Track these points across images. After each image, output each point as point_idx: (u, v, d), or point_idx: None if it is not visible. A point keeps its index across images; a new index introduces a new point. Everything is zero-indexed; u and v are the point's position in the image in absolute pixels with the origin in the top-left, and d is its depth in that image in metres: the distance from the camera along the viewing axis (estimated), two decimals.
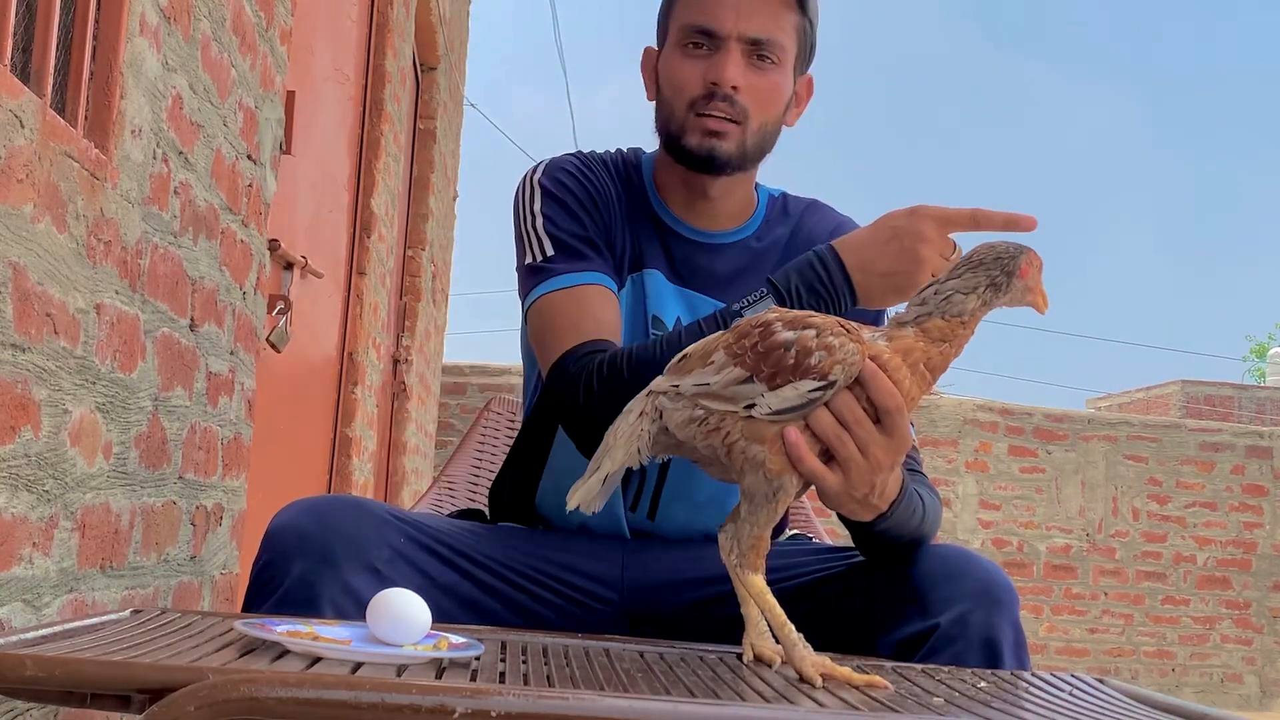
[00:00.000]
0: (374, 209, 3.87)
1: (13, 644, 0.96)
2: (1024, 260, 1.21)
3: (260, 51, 2.22)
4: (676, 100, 1.62)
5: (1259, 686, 8.19)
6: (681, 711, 0.87)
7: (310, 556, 1.37)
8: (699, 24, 1.60)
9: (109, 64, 1.56)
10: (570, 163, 1.67)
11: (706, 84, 1.59)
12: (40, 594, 1.44)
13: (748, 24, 1.59)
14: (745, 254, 1.67)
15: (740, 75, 1.58)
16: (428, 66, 5.53)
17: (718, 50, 1.59)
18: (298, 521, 1.41)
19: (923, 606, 1.41)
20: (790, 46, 1.63)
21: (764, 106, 1.61)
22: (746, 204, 1.70)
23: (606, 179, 1.67)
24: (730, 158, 1.60)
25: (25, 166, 1.32)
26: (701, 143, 1.59)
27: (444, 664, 1.08)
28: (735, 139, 1.59)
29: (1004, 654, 1.39)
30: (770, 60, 1.60)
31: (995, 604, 1.41)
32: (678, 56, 1.62)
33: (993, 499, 7.96)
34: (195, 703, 0.81)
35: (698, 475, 1.62)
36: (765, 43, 1.60)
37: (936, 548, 1.47)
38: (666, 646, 1.33)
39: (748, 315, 1.38)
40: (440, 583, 1.47)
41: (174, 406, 1.85)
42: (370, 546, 1.41)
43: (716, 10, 1.59)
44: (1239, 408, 15.34)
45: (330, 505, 1.46)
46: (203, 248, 1.95)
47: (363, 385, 3.89)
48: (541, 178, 1.66)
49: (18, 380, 1.33)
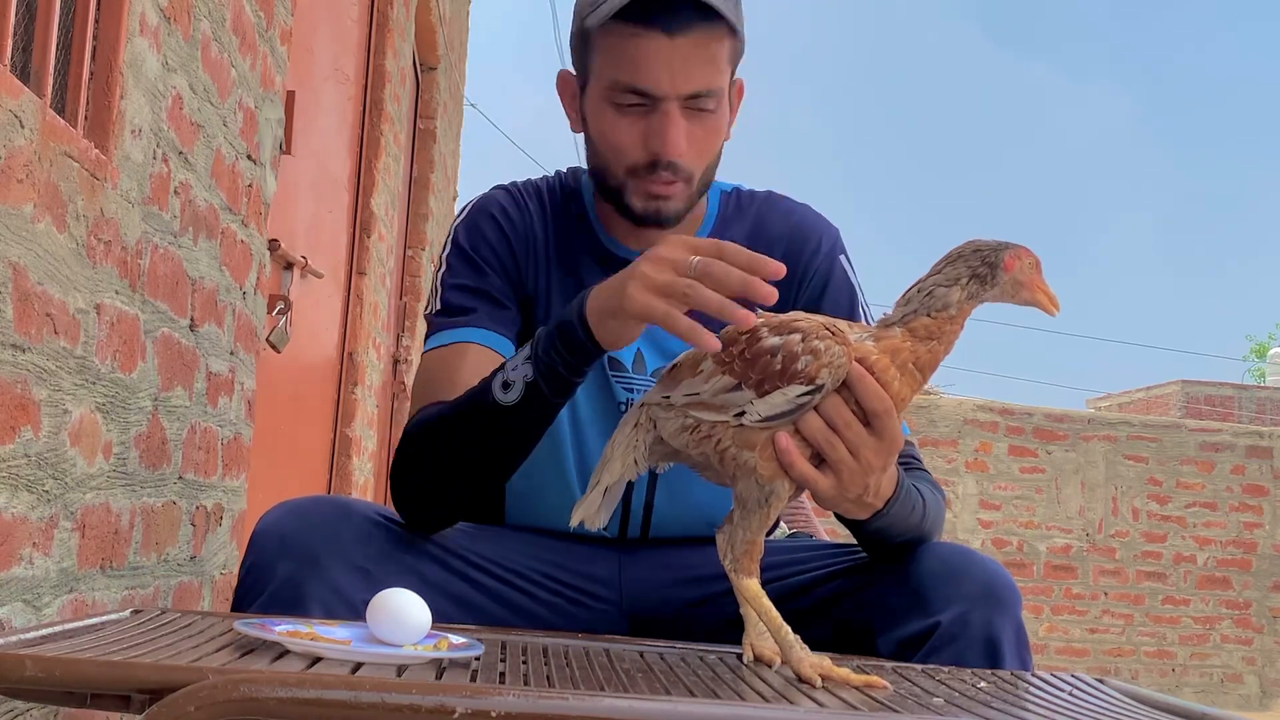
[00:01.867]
0: (374, 209, 3.87)
1: (13, 644, 0.96)
2: (1008, 254, 1.20)
3: (260, 51, 2.22)
4: (614, 161, 1.51)
5: (1259, 686, 8.19)
6: (681, 711, 0.87)
7: (294, 558, 1.37)
8: (631, 84, 1.46)
9: (109, 64, 1.56)
10: (496, 204, 1.60)
11: (649, 152, 1.48)
12: (40, 594, 1.44)
13: (686, 81, 1.45)
14: None
15: (684, 139, 1.47)
16: (428, 66, 5.53)
17: (655, 111, 1.47)
18: (281, 524, 1.40)
19: (924, 605, 1.41)
20: (724, 81, 1.51)
21: (707, 156, 1.52)
22: (693, 214, 1.60)
23: (537, 216, 1.61)
24: (679, 213, 1.53)
25: (25, 166, 1.32)
26: (647, 206, 1.51)
27: (444, 664, 1.08)
28: (683, 196, 1.52)
29: (1005, 653, 1.39)
30: (708, 108, 1.49)
31: (997, 603, 1.40)
32: (610, 114, 1.49)
33: (993, 499, 7.96)
34: (195, 703, 0.81)
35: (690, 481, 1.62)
36: (704, 94, 1.47)
37: (938, 546, 1.47)
38: (666, 646, 1.33)
39: (509, 375, 1.35)
40: (432, 581, 1.46)
41: (174, 406, 1.85)
42: (355, 546, 1.40)
43: (649, 70, 1.45)
44: (1239, 408, 15.34)
45: (313, 506, 1.44)
46: (203, 248, 1.95)
47: (363, 385, 3.89)
48: (461, 222, 1.60)
49: (18, 380, 1.33)
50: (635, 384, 1.57)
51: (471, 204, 1.64)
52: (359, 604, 1.36)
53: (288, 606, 1.35)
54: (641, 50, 1.45)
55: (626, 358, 1.57)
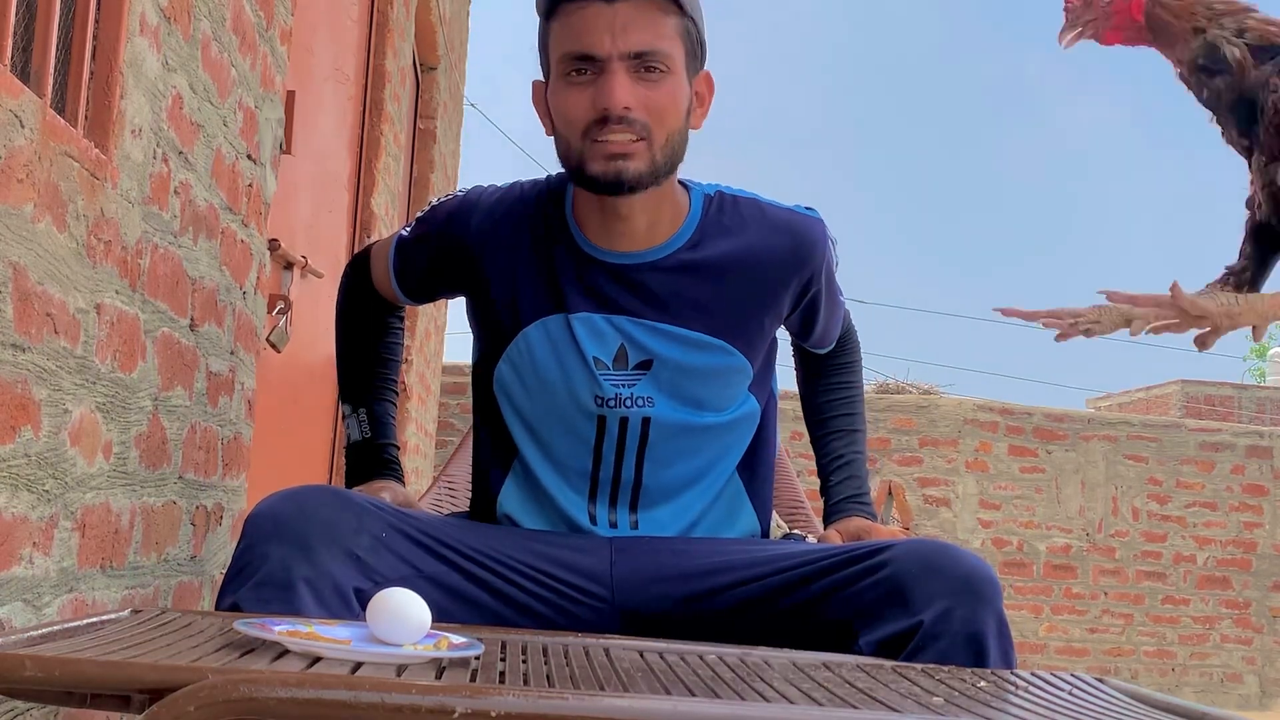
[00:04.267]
0: (374, 209, 3.87)
1: (13, 644, 0.96)
2: None
3: (260, 51, 2.22)
4: (570, 132, 1.56)
5: (1259, 686, 8.19)
6: (681, 711, 0.87)
7: (287, 542, 1.39)
8: (576, 50, 1.54)
9: (109, 64, 1.56)
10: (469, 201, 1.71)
11: (597, 110, 1.53)
12: (40, 594, 1.44)
13: (626, 40, 1.52)
14: (679, 268, 1.63)
15: (630, 94, 1.53)
16: (428, 66, 5.53)
17: (601, 74, 1.53)
18: (276, 508, 1.43)
19: (905, 604, 1.41)
20: (677, 51, 1.56)
21: (664, 118, 1.55)
22: (674, 215, 1.64)
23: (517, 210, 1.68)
24: (641, 175, 1.55)
25: (25, 166, 1.32)
26: (606, 168, 1.54)
27: (444, 664, 1.08)
28: (643, 157, 1.54)
29: (989, 648, 1.39)
30: (659, 69, 1.54)
31: (978, 598, 1.40)
32: (563, 88, 1.56)
33: (993, 499, 7.96)
34: (195, 703, 0.81)
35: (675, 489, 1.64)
36: (649, 54, 1.53)
37: (916, 543, 1.47)
38: (666, 646, 1.33)
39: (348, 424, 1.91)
40: (426, 573, 1.47)
41: (174, 406, 1.85)
42: (349, 533, 1.42)
43: (591, 34, 1.53)
44: (1239, 408, 15.32)
45: (309, 492, 1.47)
46: (203, 248, 1.95)
47: None
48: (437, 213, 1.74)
49: (18, 380, 1.33)
50: (618, 379, 1.62)
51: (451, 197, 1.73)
52: (349, 591, 1.38)
53: (278, 589, 1.36)
54: (584, 19, 1.54)
55: (607, 356, 1.62)
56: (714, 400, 1.64)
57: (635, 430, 1.61)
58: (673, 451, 1.63)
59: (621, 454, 1.62)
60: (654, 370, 1.61)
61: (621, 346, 1.61)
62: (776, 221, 1.67)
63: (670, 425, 1.62)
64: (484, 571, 1.52)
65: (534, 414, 1.65)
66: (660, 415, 1.61)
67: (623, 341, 1.61)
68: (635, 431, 1.61)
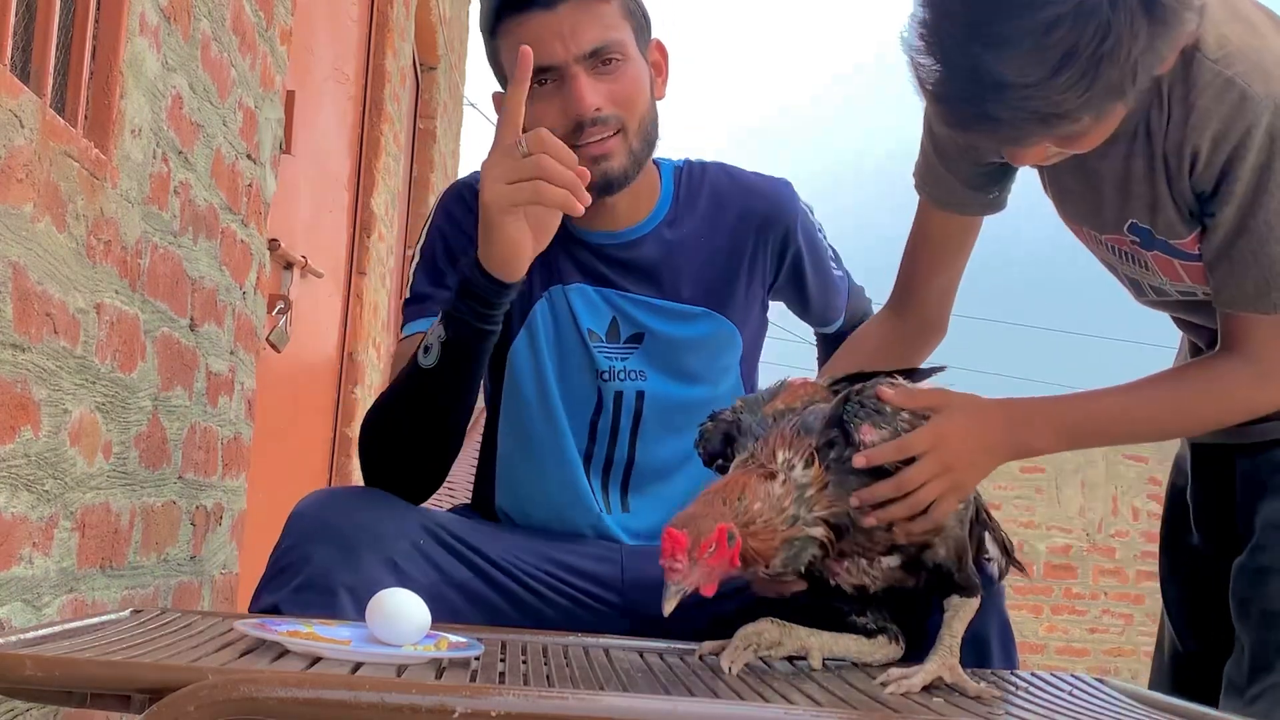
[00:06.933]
0: (374, 209, 3.87)
1: (13, 644, 0.96)
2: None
3: (260, 51, 2.22)
4: None
5: None
6: (681, 711, 0.87)
7: (332, 544, 1.39)
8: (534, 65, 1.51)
9: (109, 64, 1.56)
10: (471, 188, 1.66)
11: (570, 118, 1.54)
12: (40, 594, 1.44)
13: (578, 42, 1.53)
14: (659, 242, 1.66)
15: (595, 94, 1.54)
16: (428, 66, 5.53)
17: (563, 80, 1.54)
18: (323, 509, 1.43)
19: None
20: (626, 34, 1.58)
21: (633, 105, 1.57)
22: (648, 191, 1.66)
23: None
24: (626, 171, 1.57)
25: (25, 166, 1.32)
26: (591, 174, 1.52)
27: (444, 664, 1.08)
28: (623, 151, 1.56)
29: (992, 649, 1.39)
30: (615, 59, 1.56)
31: None
32: (530, 105, 1.52)
33: (992, 499, 7.94)
34: (195, 703, 0.81)
35: (666, 470, 1.64)
36: (603, 48, 1.54)
37: None
38: (666, 646, 1.33)
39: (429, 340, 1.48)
40: (454, 579, 1.48)
41: (174, 406, 1.85)
42: (391, 540, 1.42)
43: (543, 45, 1.52)
44: None
45: (356, 495, 1.49)
46: (203, 247, 1.95)
47: (363, 385, 3.89)
48: (437, 208, 1.69)
49: (18, 380, 1.33)
50: (612, 352, 1.63)
51: (449, 191, 1.71)
52: None
53: (319, 593, 1.36)
54: (530, 31, 1.54)
55: (601, 328, 1.63)
56: (705, 372, 1.66)
57: (630, 405, 1.63)
58: (665, 428, 1.64)
59: (616, 430, 1.64)
60: (645, 344, 1.64)
61: (614, 319, 1.64)
62: (746, 184, 1.71)
63: (663, 399, 1.64)
64: (507, 579, 1.54)
65: (538, 393, 1.65)
66: (653, 389, 1.63)
67: (614, 314, 1.64)
68: (630, 407, 1.63)
